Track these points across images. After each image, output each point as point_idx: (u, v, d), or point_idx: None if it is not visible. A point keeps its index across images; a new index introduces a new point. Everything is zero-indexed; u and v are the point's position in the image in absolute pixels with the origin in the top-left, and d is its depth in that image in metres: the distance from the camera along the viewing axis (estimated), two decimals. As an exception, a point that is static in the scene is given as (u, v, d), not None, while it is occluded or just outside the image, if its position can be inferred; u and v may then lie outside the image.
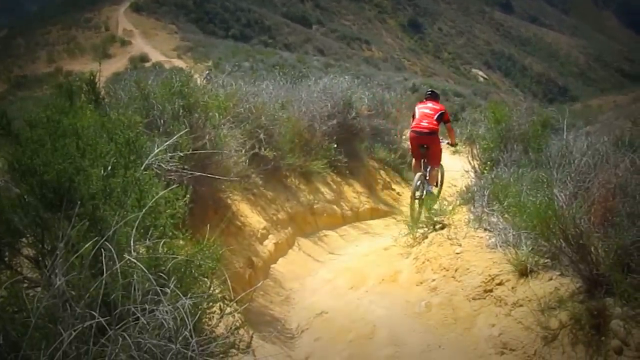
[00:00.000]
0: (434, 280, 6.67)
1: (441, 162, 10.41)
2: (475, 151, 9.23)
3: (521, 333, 5.09)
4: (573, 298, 5.06)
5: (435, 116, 10.04)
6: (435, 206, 8.34)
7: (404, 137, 15.46)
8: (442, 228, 7.73)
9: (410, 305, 6.49)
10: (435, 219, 8.06)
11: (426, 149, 9.98)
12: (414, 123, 10.20)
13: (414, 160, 10.46)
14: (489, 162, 8.38)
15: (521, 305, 5.34)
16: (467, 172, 9.06)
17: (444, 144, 10.45)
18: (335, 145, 11.33)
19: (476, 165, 8.97)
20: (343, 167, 11.51)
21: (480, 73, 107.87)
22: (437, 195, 9.91)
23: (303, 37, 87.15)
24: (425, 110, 10.17)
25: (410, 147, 10.59)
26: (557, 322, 4.93)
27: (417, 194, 9.77)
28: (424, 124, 9.97)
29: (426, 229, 8.12)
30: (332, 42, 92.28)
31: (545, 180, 5.75)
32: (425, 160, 10.06)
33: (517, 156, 7.73)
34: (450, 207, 8.18)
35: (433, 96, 10.66)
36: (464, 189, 8.63)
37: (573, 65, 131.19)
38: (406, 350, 5.62)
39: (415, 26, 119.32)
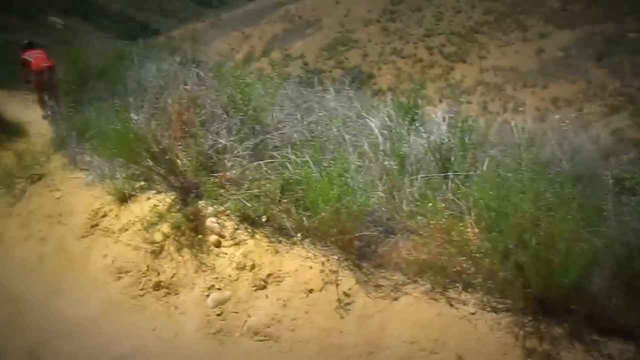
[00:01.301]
0: (40, 230, 6.54)
1: None
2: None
3: (132, 254, 5.35)
4: (171, 210, 5.47)
5: (46, 55, 11.38)
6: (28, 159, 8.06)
7: None
8: (39, 179, 7.54)
9: (23, 261, 6.30)
10: (30, 172, 7.81)
11: (49, 81, 10.73)
12: (34, 66, 11.04)
13: (39, 93, 11.20)
14: (74, 104, 8.30)
15: (127, 230, 5.59)
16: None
17: None
18: None
19: (61, 110, 8.83)
20: None
21: (58, 20, 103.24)
22: None
23: None
24: (36, 54, 11.42)
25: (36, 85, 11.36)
26: (161, 234, 5.29)
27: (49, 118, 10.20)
28: (45, 64, 10.97)
29: (24, 184, 7.83)
30: None
31: (121, 107, 5.96)
32: (48, 91, 10.69)
33: (99, 93, 7.81)
34: (44, 157, 8.00)
35: (32, 45, 12.18)
36: (54, 135, 8.48)
37: (151, 1, 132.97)
38: (27, 304, 5.51)
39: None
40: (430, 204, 4.37)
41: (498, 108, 46.97)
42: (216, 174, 5.28)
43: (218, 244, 5.07)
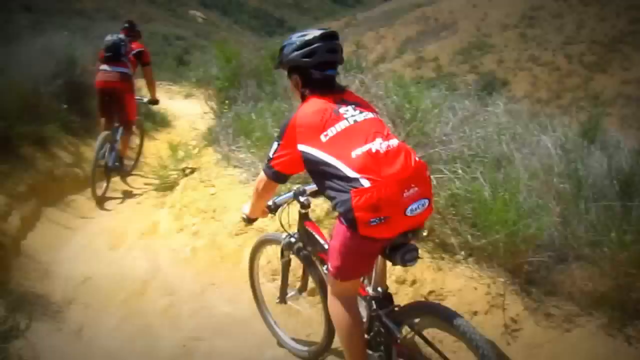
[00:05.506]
0: (194, 224, 6.69)
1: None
2: (210, 92, 9.27)
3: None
4: (328, 215, 5.40)
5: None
6: (182, 152, 8.31)
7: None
8: (192, 172, 7.75)
9: (176, 253, 6.47)
10: (183, 164, 8.06)
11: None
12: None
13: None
14: (226, 101, 8.46)
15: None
16: (206, 113, 9.10)
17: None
18: (66, 106, 10.59)
19: (214, 106, 9.02)
20: (78, 127, 10.82)
21: (199, 14, 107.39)
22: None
23: (2, -4, 79.00)
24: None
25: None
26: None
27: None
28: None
29: (176, 176, 8.08)
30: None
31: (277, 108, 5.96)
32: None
33: (252, 92, 7.93)
34: (196, 150, 8.22)
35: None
36: (206, 130, 8.68)
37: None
38: (182, 297, 5.64)
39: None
40: (613, 234, 4.03)
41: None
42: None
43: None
